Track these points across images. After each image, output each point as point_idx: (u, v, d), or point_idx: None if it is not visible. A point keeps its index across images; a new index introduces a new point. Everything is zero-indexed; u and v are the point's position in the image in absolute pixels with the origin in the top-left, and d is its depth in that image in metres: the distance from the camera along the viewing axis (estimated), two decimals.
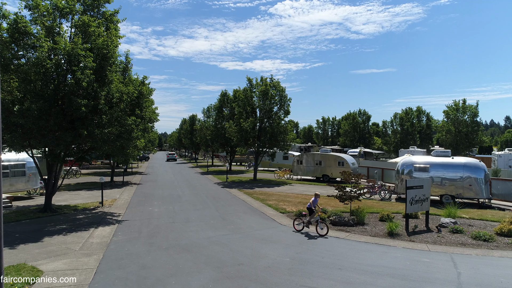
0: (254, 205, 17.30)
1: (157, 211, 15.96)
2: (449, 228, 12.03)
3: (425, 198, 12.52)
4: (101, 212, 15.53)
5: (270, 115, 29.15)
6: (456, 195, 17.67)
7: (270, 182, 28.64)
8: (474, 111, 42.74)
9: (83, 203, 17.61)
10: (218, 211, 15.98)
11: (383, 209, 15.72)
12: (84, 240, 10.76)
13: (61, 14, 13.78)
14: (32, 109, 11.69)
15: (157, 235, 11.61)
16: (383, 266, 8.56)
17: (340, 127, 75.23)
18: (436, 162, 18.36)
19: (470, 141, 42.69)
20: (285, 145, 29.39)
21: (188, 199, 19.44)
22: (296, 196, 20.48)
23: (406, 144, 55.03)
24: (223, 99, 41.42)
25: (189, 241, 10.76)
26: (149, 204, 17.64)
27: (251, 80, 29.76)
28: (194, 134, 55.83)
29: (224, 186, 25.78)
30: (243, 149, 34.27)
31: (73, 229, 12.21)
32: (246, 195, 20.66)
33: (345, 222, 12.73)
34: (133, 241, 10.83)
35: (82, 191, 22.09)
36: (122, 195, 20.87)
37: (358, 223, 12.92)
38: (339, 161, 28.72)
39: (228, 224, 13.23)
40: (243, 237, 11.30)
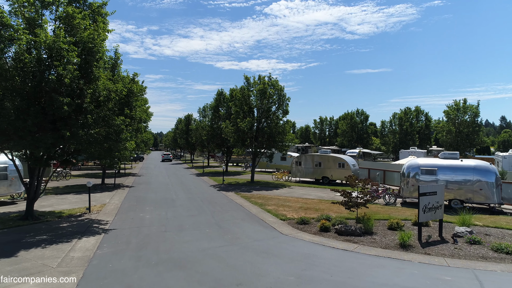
0: (252, 211, 16.26)
1: (148, 217, 14.87)
2: (465, 238, 11.07)
3: (439, 206, 11.56)
4: (88, 219, 14.40)
5: (268, 115, 28.10)
6: (465, 199, 16.76)
7: (268, 184, 27.61)
8: (475, 111, 42.02)
9: (69, 208, 16.46)
10: (214, 217, 14.92)
11: (390, 216, 14.77)
12: (64, 254, 9.65)
13: (43, 4, 12.61)
14: (7, 108, 10.55)
15: (147, 246, 10.54)
16: (400, 286, 7.56)
17: (337, 127, 74.38)
18: (444, 165, 17.43)
19: (471, 141, 41.96)
20: (284, 146, 28.35)
21: (183, 204, 18.36)
22: (296, 200, 19.48)
23: (405, 144, 54.29)
24: (219, 98, 40.33)
25: (182, 255, 9.70)
26: (141, 210, 16.54)
27: (249, 78, 28.70)
28: (190, 134, 54.68)
29: (220, 189, 24.71)
30: (240, 150, 33.19)
31: (54, 240, 11.09)
32: (244, 199, 19.62)
33: (352, 232, 11.73)
34: (119, 254, 9.75)
35: (70, 195, 20.90)
36: (112, 199, 19.74)
37: (366, 232, 11.93)
38: (340, 162, 27.77)
39: (225, 233, 12.18)
40: (241, 249, 10.26)
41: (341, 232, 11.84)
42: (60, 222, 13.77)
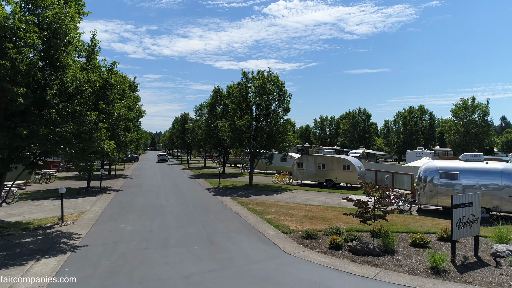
0: (250, 221, 14.25)
1: (129, 229, 12.84)
2: (509, 260, 9.08)
3: (475, 219, 9.57)
4: (58, 232, 12.35)
5: (268, 112, 26.03)
6: (492, 207, 14.78)
7: (268, 187, 25.58)
8: (484, 110, 40.09)
9: (40, 218, 14.41)
10: (205, 229, 12.91)
11: (409, 228, 12.79)
12: (9, 285, 7.61)
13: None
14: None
15: (119, 271, 8.52)
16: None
17: (338, 127, 72.33)
18: (466, 168, 15.44)
19: (480, 142, 40.02)
20: (284, 146, 26.29)
21: (172, 211, 16.34)
22: (299, 207, 17.46)
23: (410, 144, 52.30)
24: (216, 96, 38.24)
25: (160, 285, 7.68)
26: (123, 219, 14.50)
27: (247, 73, 26.61)
28: (186, 134, 52.62)
29: (215, 193, 22.67)
30: (238, 150, 31.16)
31: (6, 262, 9.05)
32: (241, 206, 17.59)
33: (369, 250, 9.72)
34: (81, 283, 7.72)
35: (48, 201, 18.81)
36: (94, 205, 17.68)
37: (386, 251, 9.92)
38: (345, 164, 25.75)
39: (217, 251, 10.16)
40: (235, 276, 8.24)
41: (357, 251, 9.83)
42: (23, 236, 11.70)
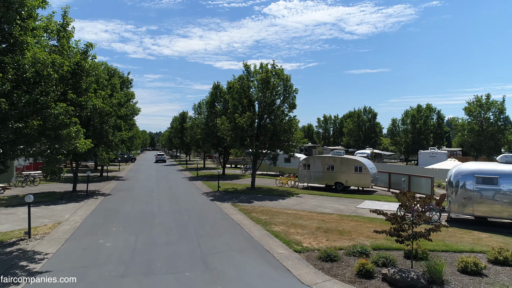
0: (254, 234, 11.98)
1: (108, 246, 10.59)
2: None
3: None
4: (20, 251, 10.10)
5: (272, 109, 23.74)
6: None
7: (272, 191, 23.30)
8: (500, 108, 37.71)
9: (5, 231, 12.14)
10: (200, 246, 10.66)
11: (447, 245, 10.54)
12: None
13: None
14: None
15: None
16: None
17: (343, 126, 70.00)
18: (508, 171, 13.18)
19: (496, 141, 37.65)
20: (290, 146, 24.00)
21: (163, 221, 14.10)
22: (309, 215, 15.18)
23: (419, 144, 49.99)
24: (216, 93, 35.93)
25: None
26: (104, 232, 12.25)
27: (249, 66, 24.30)
28: (185, 133, 50.38)
29: (214, 198, 20.41)
30: (238, 150, 28.89)
31: None
32: (243, 215, 15.33)
33: (412, 282, 7.43)
34: None
35: (24, 208, 16.53)
36: (75, 214, 15.44)
37: (433, 281, 7.65)
38: (356, 166, 23.48)
39: (213, 282, 7.89)
40: None
41: (395, 281, 7.56)
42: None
